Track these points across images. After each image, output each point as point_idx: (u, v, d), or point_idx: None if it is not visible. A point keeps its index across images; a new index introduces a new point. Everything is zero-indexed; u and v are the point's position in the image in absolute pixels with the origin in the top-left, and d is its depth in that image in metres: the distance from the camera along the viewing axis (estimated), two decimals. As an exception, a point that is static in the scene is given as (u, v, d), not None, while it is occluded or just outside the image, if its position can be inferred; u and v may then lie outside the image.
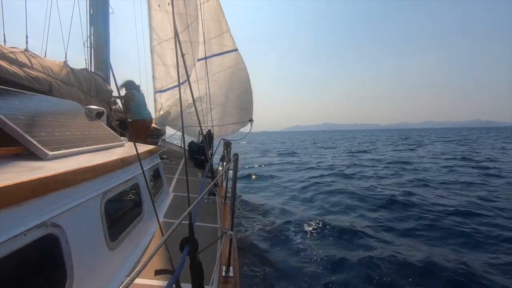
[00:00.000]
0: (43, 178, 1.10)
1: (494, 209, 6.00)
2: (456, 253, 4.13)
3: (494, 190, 7.70)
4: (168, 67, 7.09)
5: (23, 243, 0.96)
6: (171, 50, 6.81)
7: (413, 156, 17.67)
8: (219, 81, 6.95)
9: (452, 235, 4.74)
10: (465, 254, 4.10)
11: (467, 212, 5.75)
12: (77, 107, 2.79)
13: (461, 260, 3.81)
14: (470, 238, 4.56)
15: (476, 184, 8.45)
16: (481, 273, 3.50)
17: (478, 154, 16.72)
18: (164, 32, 6.84)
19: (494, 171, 10.65)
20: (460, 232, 4.81)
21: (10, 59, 2.54)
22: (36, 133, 1.60)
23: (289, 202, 7.36)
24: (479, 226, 5.01)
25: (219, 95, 7.00)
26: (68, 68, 3.58)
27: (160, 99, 7.44)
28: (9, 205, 0.92)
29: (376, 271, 3.64)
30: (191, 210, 1.02)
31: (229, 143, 4.02)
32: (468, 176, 9.81)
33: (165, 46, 6.95)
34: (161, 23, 6.77)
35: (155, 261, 1.88)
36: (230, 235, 1.91)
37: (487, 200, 6.68)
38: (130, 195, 2.13)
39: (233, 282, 1.93)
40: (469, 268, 3.56)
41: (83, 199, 1.39)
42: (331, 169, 12.79)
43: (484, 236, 4.60)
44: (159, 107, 7.49)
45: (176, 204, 3.25)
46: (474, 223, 5.17)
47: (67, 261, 1.20)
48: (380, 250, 4.20)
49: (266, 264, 3.97)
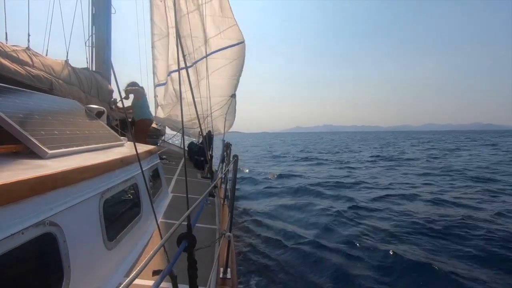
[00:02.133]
0: (42, 177, 1.10)
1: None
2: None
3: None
4: (168, 62, 7.06)
5: (21, 242, 0.96)
6: (171, 45, 6.80)
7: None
8: (223, 74, 6.86)
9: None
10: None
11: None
12: (77, 106, 2.79)
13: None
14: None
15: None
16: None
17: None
18: (165, 27, 6.83)
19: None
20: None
21: (12, 57, 2.55)
22: (36, 132, 1.59)
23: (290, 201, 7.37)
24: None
25: (222, 87, 6.90)
26: (69, 67, 3.59)
27: (159, 95, 7.38)
28: (7, 203, 0.91)
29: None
30: (190, 211, 1.02)
31: (229, 144, 4.02)
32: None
33: (166, 41, 6.93)
34: (162, 18, 6.77)
35: (153, 261, 1.87)
36: (229, 237, 1.90)
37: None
38: (129, 195, 2.13)
39: (231, 284, 1.93)
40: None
41: (82, 199, 1.38)
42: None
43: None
44: (159, 103, 7.45)
45: (175, 204, 3.25)
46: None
47: (64, 261, 1.19)
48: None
49: (263, 266, 3.96)
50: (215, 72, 6.58)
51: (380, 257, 4.08)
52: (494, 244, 4.42)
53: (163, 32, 6.87)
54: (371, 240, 4.76)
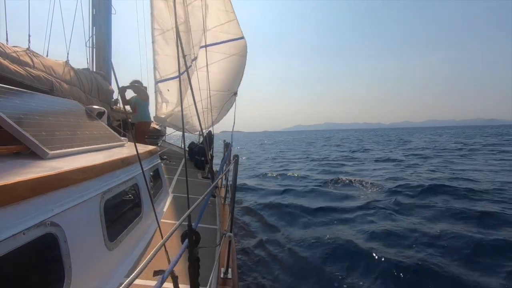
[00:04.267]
0: (43, 177, 1.10)
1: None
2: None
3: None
4: (169, 57, 7.02)
5: (22, 242, 0.96)
6: (172, 40, 6.78)
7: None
8: (221, 68, 6.88)
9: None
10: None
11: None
12: (78, 107, 2.79)
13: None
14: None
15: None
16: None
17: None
18: (165, 22, 6.80)
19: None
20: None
21: (12, 58, 2.55)
22: (37, 132, 1.60)
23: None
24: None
25: (220, 80, 6.92)
26: (70, 68, 3.59)
27: (163, 90, 7.31)
28: (8, 204, 0.92)
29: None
30: (190, 211, 1.02)
31: (229, 144, 4.02)
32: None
33: (166, 36, 6.90)
34: (162, 12, 6.75)
35: (154, 261, 1.87)
36: (229, 237, 1.90)
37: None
38: (129, 196, 2.13)
39: (232, 284, 1.93)
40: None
41: (83, 199, 1.39)
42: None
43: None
44: (159, 100, 7.36)
45: (176, 204, 3.25)
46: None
47: (65, 261, 1.19)
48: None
49: (265, 266, 3.96)
50: (213, 64, 6.56)
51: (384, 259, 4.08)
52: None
53: (164, 27, 6.85)
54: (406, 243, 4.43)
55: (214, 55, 6.60)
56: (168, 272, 0.79)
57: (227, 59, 6.74)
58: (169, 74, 7.08)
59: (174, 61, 6.87)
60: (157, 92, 7.29)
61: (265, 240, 4.86)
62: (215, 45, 6.60)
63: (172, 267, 0.85)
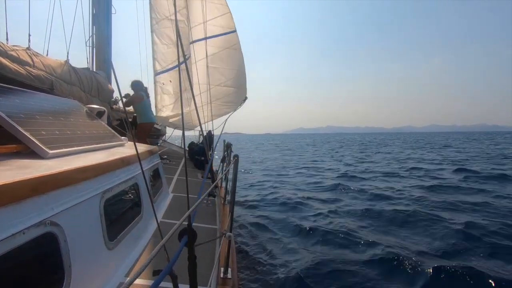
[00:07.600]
0: (43, 177, 1.10)
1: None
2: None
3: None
4: (167, 47, 7.04)
5: (22, 242, 0.96)
6: (169, 29, 6.83)
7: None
8: (216, 61, 6.95)
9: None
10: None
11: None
12: (78, 106, 2.79)
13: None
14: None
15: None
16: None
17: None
18: (162, 10, 6.82)
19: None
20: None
21: (12, 58, 2.55)
22: (37, 132, 1.60)
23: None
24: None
25: (216, 74, 6.99)
26: (70, 67, 3.59)
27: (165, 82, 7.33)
28: (8, 203, 0.92)
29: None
30: (191, 211, 1.02)
31: (229, 144, 4.02)
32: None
33: (164, 25, 6.92)
34: (160, 1, 6.79)
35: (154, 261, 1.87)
36: (229, 237, 1.90)
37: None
38: (129, 195, 2.13)
39: (231, 283, 1.92)
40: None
41: (83, 198, 1.38)
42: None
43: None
44: (159, 91, 7.34)
45: (176, 204, 3.25)
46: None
47: (65, 260, 1.19)
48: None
49: (264, 266, 3.96)
50: (207, 58, 6.61)
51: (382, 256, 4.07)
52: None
53: (161, 16, 6.87)
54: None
55: (209, 48, 6.70)
56: (165, 271, 0.79)
57: (220, 52, 6.88)
58: (169, 64, 7.13)
59: (173, 51, 6.94)
60: (157, 84, 7.31)
61: (265, 240, 4.85)
62: (208, 38, 6.71)
63: (171, 266, 0.85)
